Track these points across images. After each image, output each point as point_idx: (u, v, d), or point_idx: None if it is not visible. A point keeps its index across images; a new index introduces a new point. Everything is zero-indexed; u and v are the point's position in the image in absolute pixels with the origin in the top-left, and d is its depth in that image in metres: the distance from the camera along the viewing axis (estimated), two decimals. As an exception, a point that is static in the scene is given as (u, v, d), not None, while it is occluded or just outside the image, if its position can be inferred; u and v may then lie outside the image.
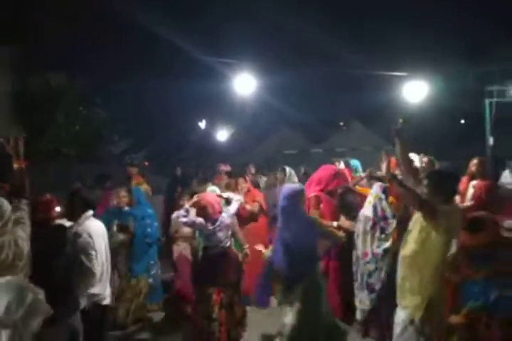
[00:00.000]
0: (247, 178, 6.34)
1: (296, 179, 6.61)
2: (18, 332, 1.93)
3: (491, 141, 12.60)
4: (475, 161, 5.87)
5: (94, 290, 3.57)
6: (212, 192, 5.42)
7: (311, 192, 5.13)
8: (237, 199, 5.03)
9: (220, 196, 5.08)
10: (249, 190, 6.07)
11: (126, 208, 5.27)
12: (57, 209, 3.96)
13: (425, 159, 6.76)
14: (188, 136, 19.70)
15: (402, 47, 15.02)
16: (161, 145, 18.48)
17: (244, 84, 8.42)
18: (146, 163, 13.75)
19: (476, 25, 13.97)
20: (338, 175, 5.22)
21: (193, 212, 4.94)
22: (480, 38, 13.70)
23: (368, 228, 4.42)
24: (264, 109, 18.04)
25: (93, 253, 3.51)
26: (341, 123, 21.23)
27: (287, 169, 6.49)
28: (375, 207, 4.43)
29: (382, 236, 4.36)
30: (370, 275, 4.39)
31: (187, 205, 4.82)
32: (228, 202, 5.07)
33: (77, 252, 3.46)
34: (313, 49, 16.32)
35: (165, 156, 16.63)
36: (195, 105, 18.98)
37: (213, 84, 11.58)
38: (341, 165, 6.88)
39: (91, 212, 3.65)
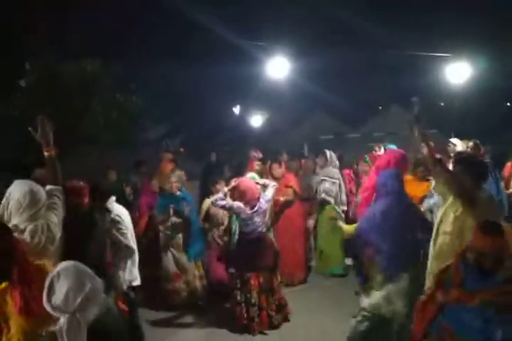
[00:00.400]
0: (283, 163, 6.27)
1: (337, 162, 6.52)
2: (76, 319, 1.91)
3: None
4: None
5: (127, 271, 3.70)
6: (251, 178, 5.45)
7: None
8: (273, 185, 5.06)
9: (257, 183, 5.11)
10: (283, 176, 6.02)
11: (179, 193, 5.35)
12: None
13: (470, 143, 6.61)
14: (222, 121, 19.70)
15: (444, 27, 14.37)
16: (195, 131, 18.55)
17: (278, 67, 8.27)
18: (182, 149, 13.83)
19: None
20: (405, 158, 4.86)
21: (229, 197, 4.98)
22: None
23: None
24: (299, 93, 17.75)
25: (125, 230, 3.68)
26: (380, 107, 20.67)
27: (328, 152, 6.38)
28: None
29: None
30: None
31: (225, 189, 4.86)
32: (265, 188, 5.10)
33: (110, 231, 3.60)
34: (349, 29, 15.84)
35: (200, 142, 16.70)
36: (229, 90, 18.87)
37: (247, 69, 11.45)
38: (382, 151, 6.75)
39: (114, 197, 3.84)
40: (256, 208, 4.65)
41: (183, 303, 5.17)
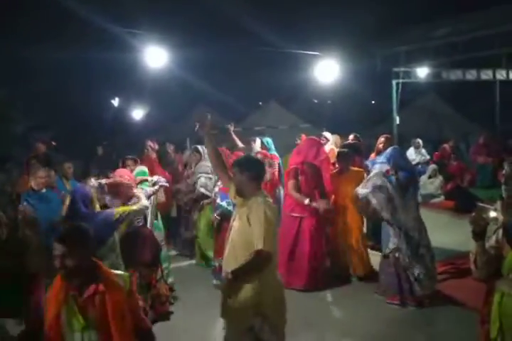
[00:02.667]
0: (138, 160, 6.19)
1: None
2: None
3: (397, 120, 13.36)
4: (381, 139, 6.37)
5: None
6: (141, 172, 5.35)
7: (292, 164, 5.39)
8: (161, 182, 5.06)
9: (145, 180, 5.04)
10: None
11: (44, 190, 4.85)
12: None
13: (351, 136, 7.39)
14: (99, 114, 18.69)
15: (316, 26, 15.26)
16: (69, 124, 17.31)
17: (155, 58, 8.05)
18: (54, 144, 12.85)
19: (384, 6, 14.55)
20: (315, 145, 5.35)
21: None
22: (388, 19, 14.31)
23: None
24: (180, 87, 17.57)
25: None
26: (260, 103, 21.31)
27: (200, 148, 6.37)
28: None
29: None
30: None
31: (103, 181, 4.66)
32: (154, 185, 5.05)
33: None
34: (227, 24, 16.02)
35: (74, 136, 15.65)
36: (106, 81, 17.95)
37: (123, 59, 10.98)
38: (257, 143, 7.04)
39: None
40: (129, 203, 4.47)
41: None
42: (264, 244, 2.86)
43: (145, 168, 5.54)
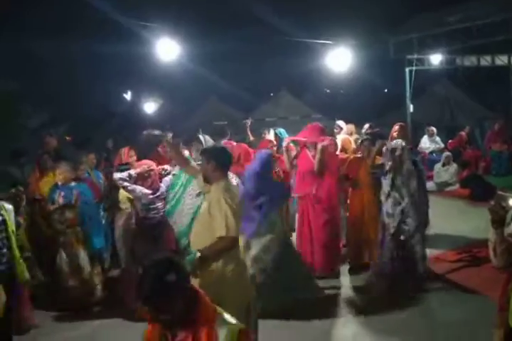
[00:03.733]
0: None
1: None
2: None
3: (411, 108, 13.22)
4: (396, 127, 6.35)
5: None
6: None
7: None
8: (172, 173, 5.17)
9: (163, 169, 5.19)
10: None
11: (73, 184, 5.02)
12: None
13: (366, 125, 7.44)
14: (112, 107, 18.78)
15: (327, 14, 15.07)
16: (83, 118, 17.44)
17: (167, 51, 8.06)
18: (68, 138, 13.00)
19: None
20: (316, 130, 5.66)
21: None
22: (400, 5, 14.07)
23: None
24: (192, 78, 17.55)
25: None
26: (271, 94, 21.23)
27: (201, 137, 6.33)
28: None
29: None
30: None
31: (133, 171, 4.80)
32: (168, 174, 5.19)
33: None
34: (238, 14, 15.90)
35: (88, 130, 15.77)
36: (118, 74, 17.98)
37: (136, 52, 11.00)
38: (271, 134, 7.05)
39: None
40: (158, 193, 4.78)
41: (81, 303, 4.85)
42: (227, 230, 3.01)
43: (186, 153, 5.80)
